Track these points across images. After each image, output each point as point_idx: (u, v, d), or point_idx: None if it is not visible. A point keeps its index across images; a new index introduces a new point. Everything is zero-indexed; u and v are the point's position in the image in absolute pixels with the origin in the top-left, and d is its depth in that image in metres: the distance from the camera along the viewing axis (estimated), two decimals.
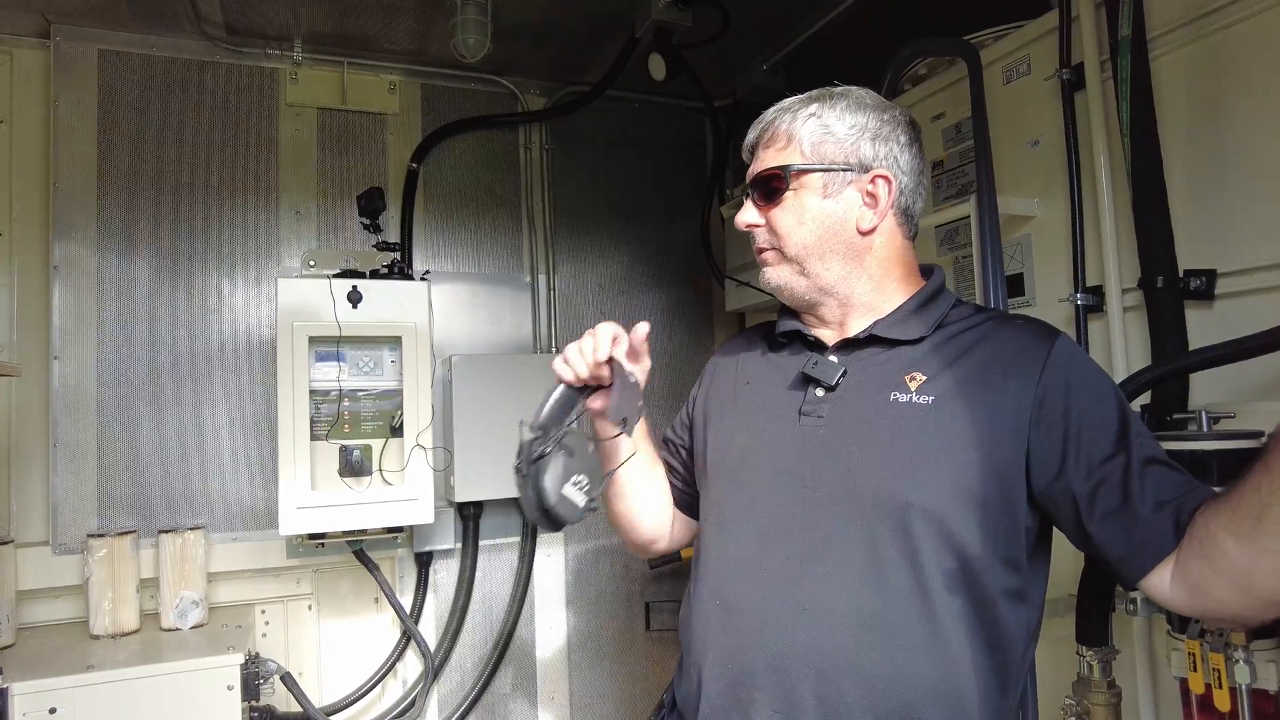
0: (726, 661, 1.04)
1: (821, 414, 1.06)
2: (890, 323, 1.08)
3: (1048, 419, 0.97)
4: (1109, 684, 1.52)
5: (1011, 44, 1.90)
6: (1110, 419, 0.96)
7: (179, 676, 1.93)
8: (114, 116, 2.46)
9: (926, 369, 1.04)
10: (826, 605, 0.98)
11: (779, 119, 1.12)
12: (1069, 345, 1.02)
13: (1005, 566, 0.98)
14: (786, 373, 1.14)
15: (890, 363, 1.07)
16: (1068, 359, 1.00)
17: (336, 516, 2.26)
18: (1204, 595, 0.86)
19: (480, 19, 2.39)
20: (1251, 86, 1.45)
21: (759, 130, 1.15)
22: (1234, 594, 0.83)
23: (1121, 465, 0.93)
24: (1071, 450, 0.95)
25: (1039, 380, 0.98)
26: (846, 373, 1.07)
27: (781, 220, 1.10)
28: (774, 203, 1.10)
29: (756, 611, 1.02)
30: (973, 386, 1.00)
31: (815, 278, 1.09)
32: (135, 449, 2.42)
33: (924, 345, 1.06)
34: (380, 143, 2.77)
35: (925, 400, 1.01)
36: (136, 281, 2.46)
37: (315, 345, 2.30)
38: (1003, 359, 1.01)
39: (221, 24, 2.48)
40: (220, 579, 2.44)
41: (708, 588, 1.10)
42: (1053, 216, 1.81)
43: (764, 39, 2.73)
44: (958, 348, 1.05)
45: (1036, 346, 1.01)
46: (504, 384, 2.66)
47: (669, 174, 3.18)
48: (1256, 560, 0.79)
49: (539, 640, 2.88)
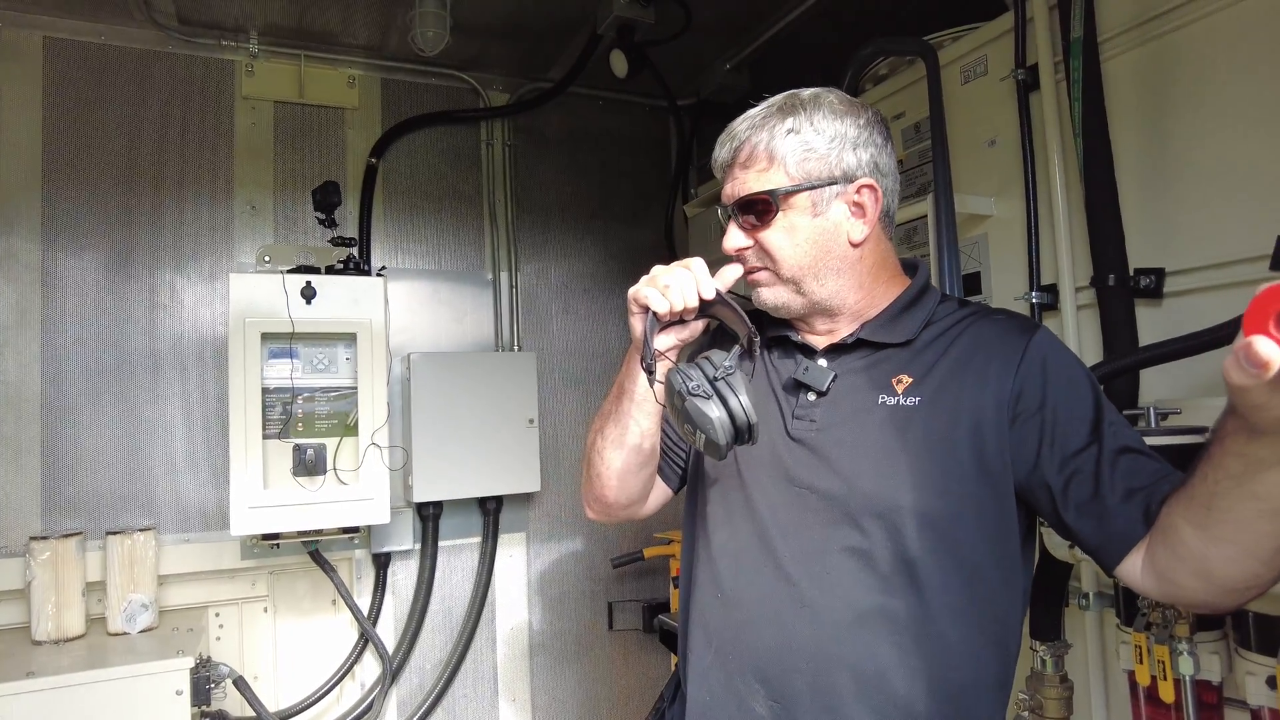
0: (727, 653, 1.07)
1: (814, 418, 1.08)
2: (877, 326, 1.09)
3: (1025, 412, 0.99)
4: (1061, 678, 1.54)
5: (969, 45, 1.91)
6: (1085, 409, 0.98)
7: (125, 682, 1.88)
8: (60, 106, 2.38)
9: (913, 370, 1.05)
10: (824, 602, 1.00)
11: (754, 137, 1.07)
12: (1046, 338, 1.04)
13: (999, 560, 1.01)
14: (775, 377, 1.15)
15: (879, 365, 1.07)
16: (1043, 352, 1.01)
17: (290, 516, 2.21)
18: (1171, 582, 0.88)
19: (439, 12, 2.36)
20: (1198, 89, 1.47)
21: (732, 148, 1.10)
22: (1197, 581, 0.85)
23: (1094, 456, 0.94)
24: (1047, 442, 0.97)
25: (1016, 374, 1.00)
26: (836, 377, 1.08)
27: (774, 242, 1.07)
28: (763, 224, 1.07)
29: (756, 607, 1.05)
30: (957, 385, 1.02)
31: (811, 294, 1.09)
32: (82, 448, 2.35)
33: (911, 347, 1.07)
34: (339, 137, 2.73)
35: (913, 402, 1.03)
36: (83, 276, 2.39)
37: (268, 342, 2.25)
38: (983, 355, 1.03)
39: (173, 13, 2.42)
40: (172, 581, 2.38)
41: (708, 583, 1.12)
42: (1009, 215, 1.83)
43: (727, 38, 2.73)
44: (942, 346, 1.06)
45: (1015, 341, 1.02)
46: (464, 382, 2.63)
47: (633, 172, 3.17)
48: (1210, 548, 0.81)
49: (500, 641, 2.85)
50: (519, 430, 2.70)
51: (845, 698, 0.97)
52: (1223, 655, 1.32)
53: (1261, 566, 0.80)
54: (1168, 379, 1.48)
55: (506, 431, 2.68)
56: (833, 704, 0.98)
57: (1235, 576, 0.81)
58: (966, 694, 0.98)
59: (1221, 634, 1.33)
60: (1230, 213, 1.41)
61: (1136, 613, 1.36)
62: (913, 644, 0.97)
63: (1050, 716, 1.53)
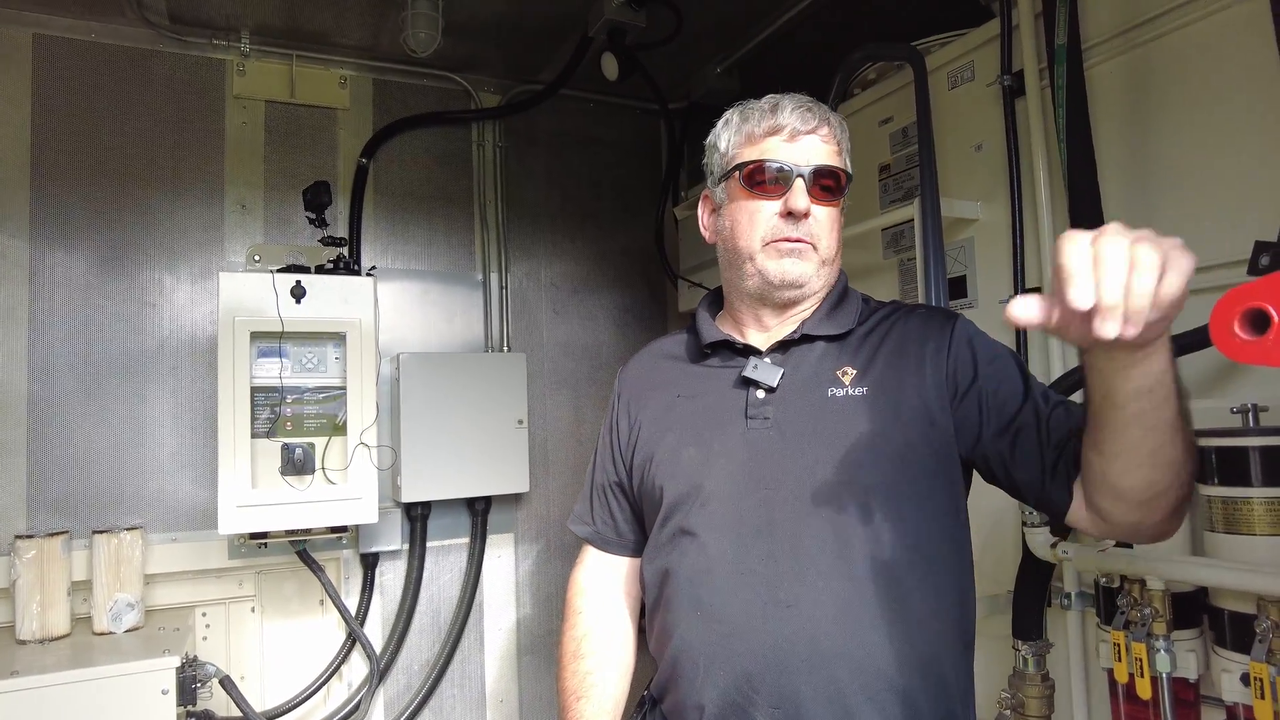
0: (718, 670, 1.03)
1: (767, 415, 1.09)
2: (816, 321, 1.14)
3: (962, 388, 1.05)
4: (1042, 676, 1.55)
5: (956, 50, 1.94)
6: (1013, 377, 1.04)
7: (109, 681, 1.86)
8: (49, 104, 2.38)
9: (855, 363, 1.10)
10: (807, 598, 1.00)
11: (830, 119, 1.13)
12: (966, 324, 1.12)
13: (952, 532, 1.06)
14: (722, 380, 1.16)
15: (823, 360, 1.12)
16: (967, 335, 1.09)
17: (278, 515, 2.21)
18: (1098, 510, 0.93)
19: (431, 13, 2.37)
20: (1180, 95, 1.50)
21: (811, 117, 1.11)
22: (1111, 501, 0.90)
23: (1032, 415, 1.00)
24: (986, 411, 1.03)
25: (948, 357, 1.07)
26: (784, 373, 1.10)
27: (828, 221, 1.13)
28: (830, 201, 1.12)
29: (740, 616, 1.03)
30: (897, 375, 1.08)
31: (822, 279, 1.14)
32: (69, 447, 2.34)
33: (849, 341, 1.13)
34: (330, 137, 2.73)
35: (860, 392, 1.07)
36: (72, 274, 2.38)
37: (257, 341, 2.25)
38: (915, 345, 1.10)
39: (165, 12, 2.42)
40: (159, 581, 2.37)
41: (686, 600, 1.08)
42: (995, 219, 1.85)
43: (718, 42, 2.74)
44: (876, 340, 1.12)
45: (941, 329, 1.10)
46: (454, 383, 2.63)
47: (624, 174, 3.18)
48: (1108, 466, 0.87)
49: (488, 642, 2.85)
50: (508, 431, 2.71)
51: (845, 688, 0.98)
52: (1199, 653, 1.34)
53: (1152, 471, 0.85)
54: None
55: (495, 432, 2.68)
56: (835, 695, 0.98)
57: (1136, 486, 0.87)
58: (942, 662, 1.02)
59: (1198, 632, 1.35)
60: (1210, 218, 1.44)
61: (1116, 612, 1.37)
62: (892, 624, 0.99)
63: (1032, 715, 1.55)
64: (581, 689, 1.20)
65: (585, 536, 1.33)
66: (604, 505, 1.30)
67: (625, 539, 1.28)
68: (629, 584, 1.29)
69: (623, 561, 1.29)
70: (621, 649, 1.26)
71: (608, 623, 1.26)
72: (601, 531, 1.30)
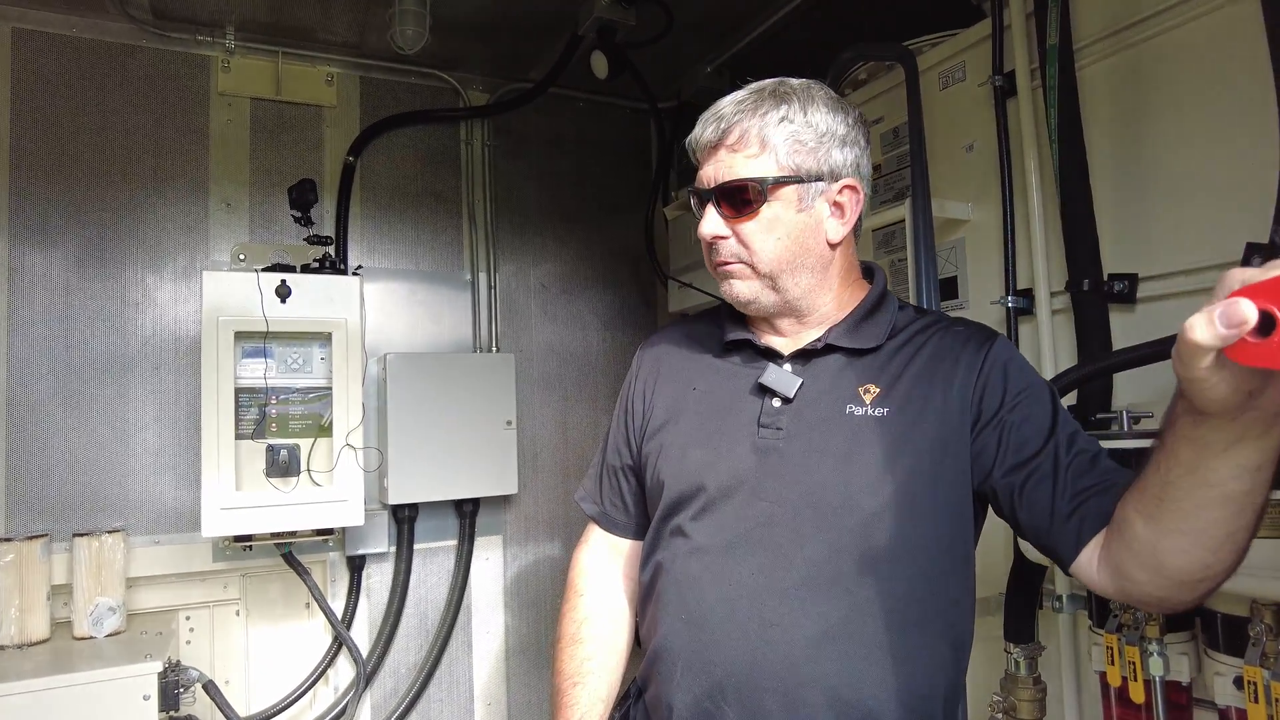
0: (693, 676, 1.03)
1: (780, 425, 1.05)
2: (842, 331, 1.08)
3: (986, 415, 1.00)
4: (1035, 680, 1.55)
5: (947, 50, 1.93)
6: (1043, 413, 0.98)
7: (90, 687, 1.84)
8: (29, 99, 2.34)
9: (880, 380, 1.04)
10: (791, 619, 0.98)
11: (746, 120, 1.03)
12: (1005, 346, 1.05)
13: (956, 567, 1.01)
14: (739, 381, 1.11)
15: (845, 373, 1.06)
16: (1004, 359, 1.03)
17: (262, 518, 2.18)
18: (1124, 577, 0.88)
19: (419, 10, 2.34)
20: (1172, 96, 1.49)
21: (719, 128, 1.05)
22: (1148, 574, 0.85)
23: (1051, 457, 0.95)
24: (1005, 443, 0.98)
25: (978, 379, 1.01)
26: (803, 384, 1.06)
27: (754, 234, 1.03)
28: (745, 214, 1.03)
29: (722, 627, 1.01)
30: (923, 395, 1.02)
31: (785, 292, 1.06)
32: (49, 449, 2.30)
33: (878, 355, 1.06)
34: (316, 135, 2.70)
35: (880, 413, 1.01)
36: (52, 273, 2.34)
37: (241, 341, 2.22)
38: (948, 363, 1.03)
39: (148, 7, 2.38)
40: (141, 584, 2.34)
41: (673, 600, 1.07)
42: (986, 220, 1.84)
43: (709, 41, 2.73)
44: (908, 355, 1.06)
45: (978, 349, 1.03)
46: (442, 384, 2.61)
47: (613, 174, 3.17)
48: (1162, 540, 0.81)
49: (476, 645, 2.82)
50: (496, 432, 2.68)
51: (817, 714, 0.96)
52: (1192, 656, 1.33)
53: (1211, 556, 0.79)
54: (1140, 383, 1.50)
55: (484, 433, 2.66)
56: (802, 718, 0.96)
57: (1186, 568, 0.81)
58: (930, 702, 0.98)
59: (1191, 635, 1.35)
60: (1202, 219, 1.43)
61: (1108, 614, 1.37)
62: (880, 656, 0.96)
63: (1023, 718, 1.54)
64: (579, 674, 1.18)
65: (592, 515, 1.29)
66: (614, 486, 1.27)
67: (632, 521, 1.25)
68: (631, 566, 1.26)
69: (627, 544, 1.26)
70: (620, 634, 1.23)
71: (608, 607, 1.24)
72: (609, 512, 1.27)
